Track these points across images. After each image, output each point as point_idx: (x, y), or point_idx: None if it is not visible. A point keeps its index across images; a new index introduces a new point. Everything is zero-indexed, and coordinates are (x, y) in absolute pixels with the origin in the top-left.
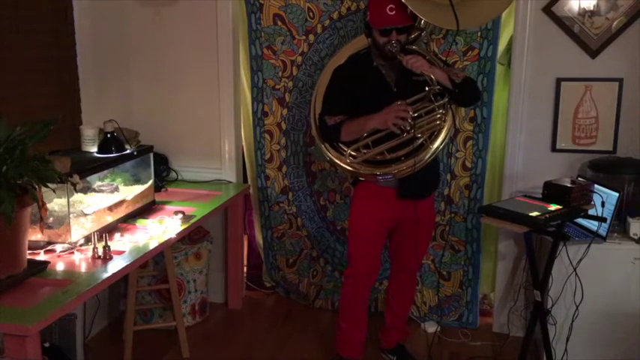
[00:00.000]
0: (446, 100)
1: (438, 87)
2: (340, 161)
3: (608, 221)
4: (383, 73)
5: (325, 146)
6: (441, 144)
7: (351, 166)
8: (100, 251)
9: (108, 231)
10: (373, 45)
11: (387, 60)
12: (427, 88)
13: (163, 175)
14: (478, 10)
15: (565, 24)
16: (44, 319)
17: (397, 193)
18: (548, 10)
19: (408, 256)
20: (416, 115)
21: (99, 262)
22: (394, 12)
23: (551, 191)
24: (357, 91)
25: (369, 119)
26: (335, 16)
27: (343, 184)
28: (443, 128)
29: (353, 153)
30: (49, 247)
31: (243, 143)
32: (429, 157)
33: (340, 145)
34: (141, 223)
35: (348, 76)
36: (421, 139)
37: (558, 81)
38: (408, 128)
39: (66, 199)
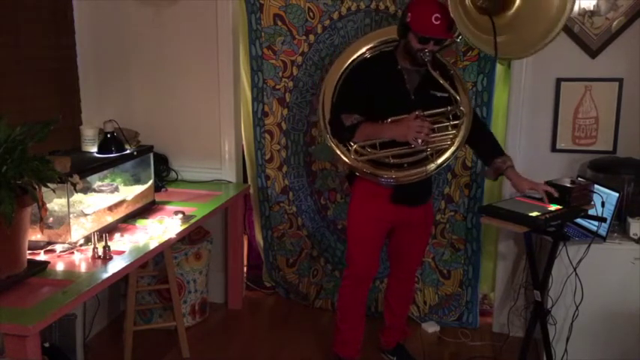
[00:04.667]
0: (461, 122)
1: (459, 109)
2: (347, 159)
3: (608, 221)
4: (405, 77)
5: (337, 145)
6: (445, 162)
7: (357, 166)
8: (100, 251)
9: (108, 231)
10: (404, 47)
11: (414, 65)
12: (448, 108)
13: (163, 175)
14: (519, 41)
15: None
16: (44, 319)
17: (390, 198)
18: None
19: (407, 257)
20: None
21: (99, 262)
22: (439, 22)
23: None
24: (375, 90)
25: (387, 129)
26: (335, 16)
27: (344, 184)
28: (450, 148)
29: (359, 150)
30: (49, 247)
31: (244, 143)
32: (432, 171)
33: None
34: (141, 223)
35: (370, 72)
36: (427, 153)
37: (558, 81)
38: (423, 142)
39: (66, 199)
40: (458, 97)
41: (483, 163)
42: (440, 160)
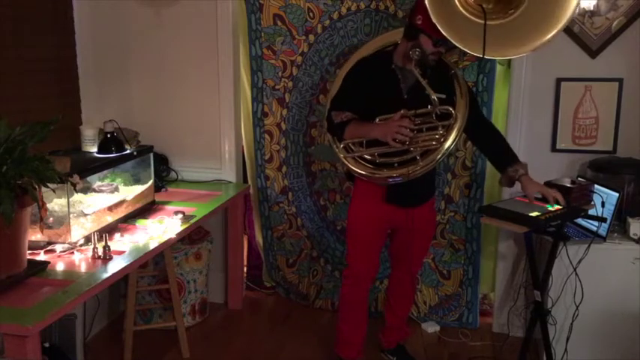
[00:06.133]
0: (451, 121)
1: (442, 108)
2: (342, 157)
3: (608, 221)
4: (399, 77)
5: (336, 143)
6: (431, 163)
7: (365, 170)
8: (100, 251)
9: (108, 231)
10: (410, 48)
11: (426, 67)
12: (429, 107)
13: (163, 175)
14: (514, 40)
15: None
16: (44, 319)
17: (383, 198)
18: None
19: (408, 259)
20: (417, 128)
21: (99, 262)
22: None
23: None
24: (367, 89)
25: (372, 129)
26: (335, 16)
27: (343, 184)
28: (438, 149)
29: (352, 147)
30: (49, 247)
31: (244, 143)
32: (420, 171)
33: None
34: (141, 223)
35: (363, 72)
36: (413, 154)
37: (558, 81)
38: (406, 142)
39: (66, 199)
40: (435, 97)
41: (497, 170)
42: (426, 162)
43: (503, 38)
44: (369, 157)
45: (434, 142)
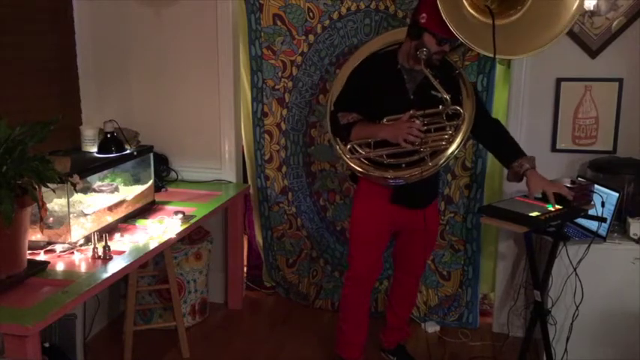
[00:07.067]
0: (459, 122)
1: (453, 108)
2: (346, 157)
3: (608, 221)
4: (404, 77)
5: (337, 143)
6: (444, 161)
7: (361, 167)
8: (100, 251)
9: (108, 231)
10: (414, 48)
11: (415, 64)
12: (440, 107)
13: (163, 175)
14: (521, 40)
15: None
16: (44, 319)
17: (390, 199)
18: None
19: (411, 261)
20: (425, 128)
21: (99, 262)
22: None
23: None
24: (373, 90)
25: (380, 130)
26: (335, 16)
27: (343, 185)
28: (447, 149)
29: (357, 148)
30: (49, 247)
31: (244, 143)
32: (431, 171)
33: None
34: (141, 223)
35: (369, 72)
36: (422, 154)
37: (558, 81)
38: (416, 143)
39: (66, 199)
40: (447, 97)
41: (503, 166)
42: (439, 162)
43: (510, 37)
44: (372, 158)
45: (443, 143)
